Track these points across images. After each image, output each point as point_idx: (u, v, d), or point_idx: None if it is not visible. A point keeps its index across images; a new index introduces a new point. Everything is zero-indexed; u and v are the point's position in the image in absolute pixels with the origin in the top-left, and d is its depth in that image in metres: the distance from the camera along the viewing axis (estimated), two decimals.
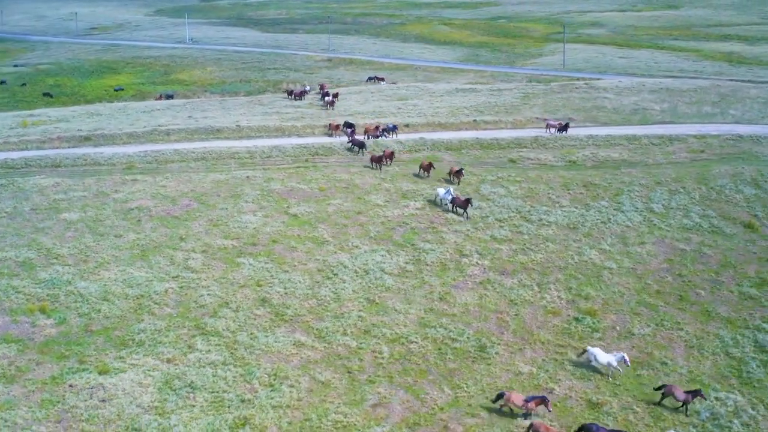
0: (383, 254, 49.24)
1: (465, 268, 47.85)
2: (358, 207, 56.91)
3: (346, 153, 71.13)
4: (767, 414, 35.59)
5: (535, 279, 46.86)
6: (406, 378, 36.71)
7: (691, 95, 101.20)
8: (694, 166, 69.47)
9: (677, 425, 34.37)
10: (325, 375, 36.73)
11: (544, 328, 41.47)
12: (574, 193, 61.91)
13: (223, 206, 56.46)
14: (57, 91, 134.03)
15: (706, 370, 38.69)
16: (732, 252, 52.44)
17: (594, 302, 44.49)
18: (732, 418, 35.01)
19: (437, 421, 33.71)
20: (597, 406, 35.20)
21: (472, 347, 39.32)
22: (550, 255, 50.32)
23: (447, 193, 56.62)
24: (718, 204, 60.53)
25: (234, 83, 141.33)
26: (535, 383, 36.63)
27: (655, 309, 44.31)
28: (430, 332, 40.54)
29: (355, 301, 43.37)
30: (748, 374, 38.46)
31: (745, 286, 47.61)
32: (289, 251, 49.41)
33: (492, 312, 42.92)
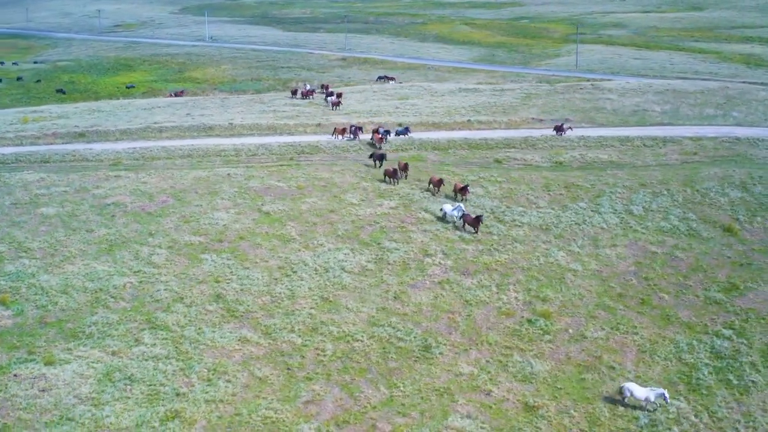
0: (347, 253, 49.27)
1: (426, 268, 47.66)
2: (332, 205, 57.01)
3: (332, 151, 71.36)
4: (710, 422, 34.86)
5: (495, 280, 46.49)
6: (345, 376, 36.70)
7: (697, 97, 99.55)
8: (684, 168, 68.34)
9: (614, 431, 33.89)
10: (264, 371, 36.90)
11: (494, 330, 41.13)
12: (554, 194, 61.29)
13: (198, 203, 56.98)
14: (70, 87, 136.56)
15: (654, 375, 38.02)
16: (705, 256, 51.47)
17: (551, 304, 43.99)
18: (672, 425, 34.37)
19: (367, 420, 33.65)
20: (533, 410, 34.81)
21: (417, 347, 39.17)
22: (515, 256, 49.88)
23: (456, 209, 52.57)
24: (700, 207, 59.43)
25: (245, 81, 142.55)
26: (473, 384, 36.37)
27: (614, 312, 43.68)
28: (377, 331, 40.47)
29: (309, 299, 43.47)
30: (698, 381, 37.71)
31: (712, 291, 46.69)
32: (254, 248, 49.70)
33: (444, 312, 42.69)
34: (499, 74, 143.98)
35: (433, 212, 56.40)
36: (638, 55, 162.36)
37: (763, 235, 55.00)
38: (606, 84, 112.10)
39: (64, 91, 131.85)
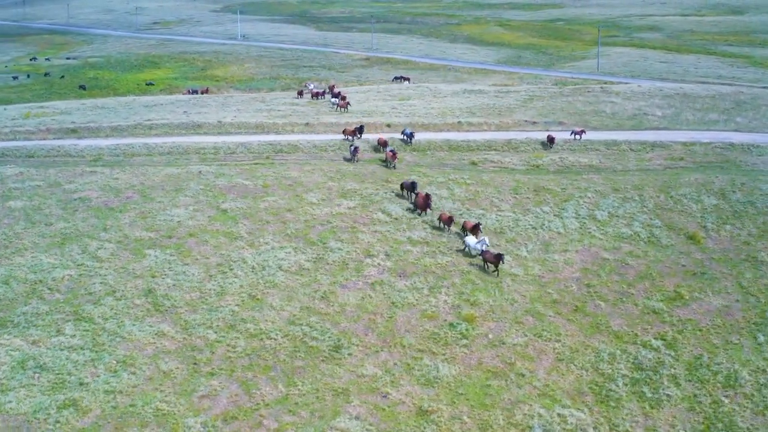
0: (288, 251, 49.65)
1: (364, 269, 47.71)
2: (290, 204, 57.49)
3: (310, 150, 71.84)
4: None
5: (429, 282, 46.25)
6: (247, 373, 37.09)
7: (705, 101, 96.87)
8: (665, 173, 66.80)
9: None
10: (170, 365, 37.54)
11: (412, 332, 40.96)
12: (521, 197, 60.62)
13: (161, 200, 58.10)
14: (93, 83, 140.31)
15: (564, 384, 37.36)
16: (658, 264, 50.28)
17: (479, 309, 43.57)
18: None
19: (255, 417, 33.97)
20: (426, 414, 34.61)
21: (327, 347, 39.29)
22: (458, 258, 49.53)
23: (480, 243, 49.11)
24: (669, 213, 58.05)
25: (263, 80, 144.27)
26: (373, 386, 36.33)
27: (542, 319, 43.03)
28: (293, 330, 40.75)
29: (236, 296, 43.98)
30: (609, 392, 36.91)
31: (653, 300, 45.59)
32: (199, 245, 50.49)
33: (367, 313, 42.70)
34: (517, 76, 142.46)
35: (388, 212, 56.41)
36: (665, 58, 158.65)
37: (728, 244, 53.47)
38: (616, 87, 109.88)
39: (86, 87, 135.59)
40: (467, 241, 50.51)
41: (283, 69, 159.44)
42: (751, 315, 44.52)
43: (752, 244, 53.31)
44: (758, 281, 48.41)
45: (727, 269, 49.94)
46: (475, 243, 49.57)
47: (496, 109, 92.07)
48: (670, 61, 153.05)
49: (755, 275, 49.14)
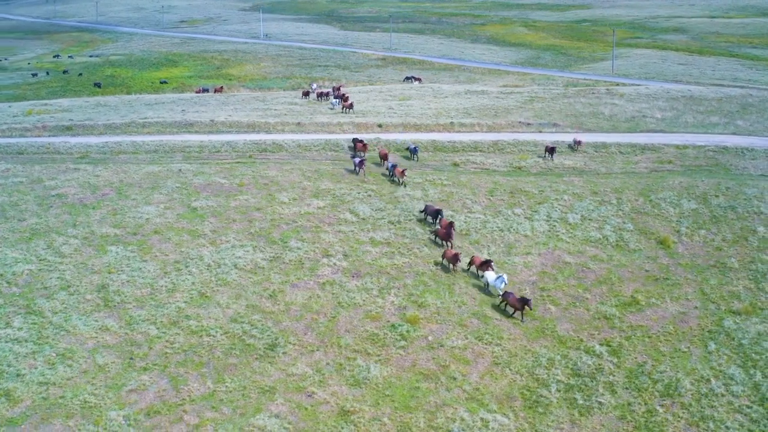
0: (248, 250, 50.16)
1: (318, 268, 47.97)
2: (261, 203, 58.02)
3: (294, 150, 72.42)
4: None
5: (381, 283, 46.30)
6: (180, 369, 37.60)
7: (711, 104, 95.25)
8: (650, 177, 65.88)
9: None
10: (107, 359, 38.25)
11: (351, 333, 41.07)
12: (495, 199, 60.31)
13: (135, 197, 59.11)
14: (109, 81, 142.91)
15: (495, 389, 37.07)
16: (621, 268, 49.62)
17: (426, 310, 43.49)
18: None
19: (178, 412, 34.43)
20: (347, 414, 34.72)
21: (263, 345, 39.62)
22: (416, 260, 49.50)
23: (499, 280, 44.28)
24: (644, 217, 57.23)
25: (275, 79, 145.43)
26: (300, 385, 36.53)
27: (487, 322, 42.79)
28: (234, 327, 41.17)
29: (186, 293, 44.58)
30: (540, 398, 36.52)
31: (607, 305, 45.00)
32: (162, 242, 51.27)
33: (311, 312, 42.92)
34: (529, 77, 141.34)
35: (356, 212, 56.60)
36: (684, 60, 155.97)
37: (699, 249, 52.53)
38: (622, 89, 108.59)
39: (100, 84, 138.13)
40: (487, 278, 45.32)
41: (297, 68, 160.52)
42: (707, 323, 43.65)
43: (724, 250, 52.31)
44: (722, 288, 47.46)
45: (692, 275, 49.07)
46: (495, 279, 44.49)
47: (493, 110, 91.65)
48: (688, 63, 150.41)
49: (720, 282, 48.19)
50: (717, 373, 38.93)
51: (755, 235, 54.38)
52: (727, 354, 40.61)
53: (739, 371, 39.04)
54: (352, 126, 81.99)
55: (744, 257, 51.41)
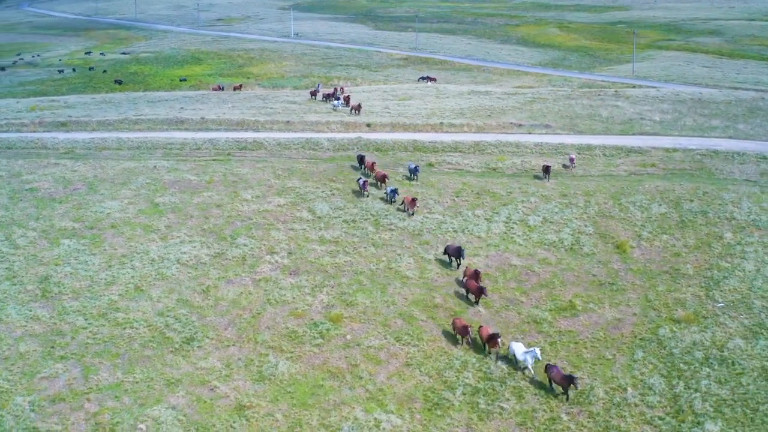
0: (195, 245, 51.12)
1: (258, 265, 48.63)
2: (223, 200, 58.98)
3: (273, 148, 73.30)
4: None
5: (316, 281, 46.70)
6: (96, 359, 38.65)
7: (717, 107, 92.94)
8: (627, 180, 64.76)
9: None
10: (29, 347, 39.59)
11: (271, 329, 41.57)
12: (460, 200, 60.08)
13: (104, 192, 60.74)
14: (130, 78, 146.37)
15: (400, 390, 36.97)
16: (568, 272, 48.97)
17: (353, 309, 43.71)
18: None
19: (81, 400, 35.47)
20: (242, 409, 35.22)
21: (181, 339, 40.44)
22: (359, 259, 49.72)
23: (530, 354, 38.15)
24: (608, 221, 56.34)
25: (291, 78, 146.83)
26: (205, 379, 37.19)
27: (412, 322, 42.75)
28: (158, 321, 42.10)
29: (123, 286, 45.73)
30: (442, 400, 36.31)
31: (541, 309, 44.50)
32: (115, 236, 52.62)
33: (238, 308, 43.58)
34: (547, 78, 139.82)
35: (314, 211, 57.10)
36: (711, 63, 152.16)
37: (656, 254, 51.52)
38: (631, 91, 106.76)
39: (121, 81, 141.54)
40: (513, 348, 38.78)
41: (317, 67, 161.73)
42: (642, 330, 42.86)
43: (683, 256, 51.19)
44: (668, 295, 46.49)
45: (640, 281, 48.16)
46: (524, 353, 38.28)
47: (489, 111, 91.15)
48: (713, 66, 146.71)
49: (668, 288, 47.20)
50: (636, 382, 38.22)
51: (720, 241, 53.06)
52: (654, 363, 39.81)
53: (660, 381, 38.24)
54: (340, 125, 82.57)
55: (702, 264, 50.22)
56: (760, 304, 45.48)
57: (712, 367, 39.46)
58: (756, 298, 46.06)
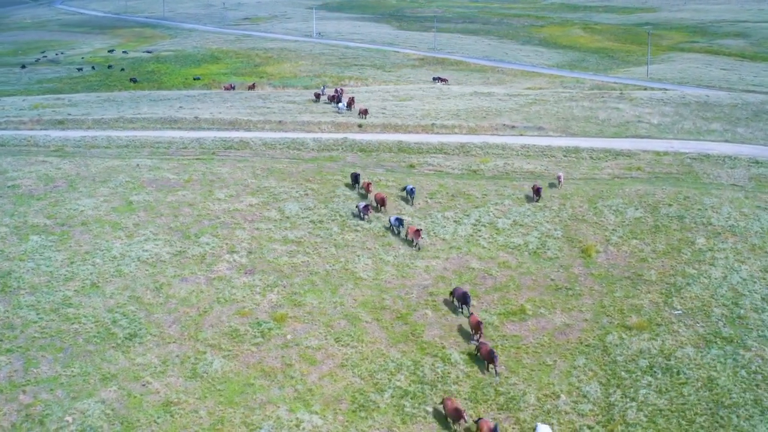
0: (158, 243, 51.98)
1: (216, 264, 49.30)
2: (196, 199, 59.80)
3: (258, 148, 74.10)
4: None
5: (269, 281, 47.18)
6: (39, 353, 39.69)
7: (722, 110, 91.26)
8: (609, 183, 64.07)
9: None
10: None
11: (214, 327, 42.17)
12: (433, 202, 60.05)
13: (83, 189, 62.04)
14: (146, 77, 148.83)
15: (329, 390, 37.26)
16: (526, 276, 48.71)
17: (300, 309, 44.10)
18: None
19: (17, 392, 36.61)
20: (169, 405, 35.86)
21: (125, 335, 41.27)
22: (317, 259, 50.09)
23: None
24: (579, 225, 55.86)
25: (303, 78, 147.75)
26: (139, 375, 37.96)
27: (356, 324, 42.98)
28: (106, 316, 43.00)
29: (80, 282, 46.77)
30: (369, 402, 36.55)
31: (490, 313, 44.29)
32: (83, 233, 53.77)
33: (187, 306, 44.27)
34: (559, 80, 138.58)
35: (283, 210, 57.58)
36: (730, 65, 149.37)
37: (621, 260, 50.98)
38: (636, 93, 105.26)
39: (136, 80, 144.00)
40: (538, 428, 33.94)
41: (332, 67, 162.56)
42: (589, 336, 42.51)
43: (649, 262, 50.57)
44: (626, 301, 46.01)
45: (599, 286, 47.73)
46: None
47: (485, 112, 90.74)
48: (732, 69, 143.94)
49: (626, 294, 46.71)
50: (572, 389, 37.98)
51: (691, 247, 52.30)
52: (594, 370, 39.50)
53: (597, 389, 37.97)
54: (331, 125, 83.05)
55: (667, 270, 49.56)
56: (720, 312, 44.76)
57: (654, 375, 39.00)
58: (717, 306, 45.34)
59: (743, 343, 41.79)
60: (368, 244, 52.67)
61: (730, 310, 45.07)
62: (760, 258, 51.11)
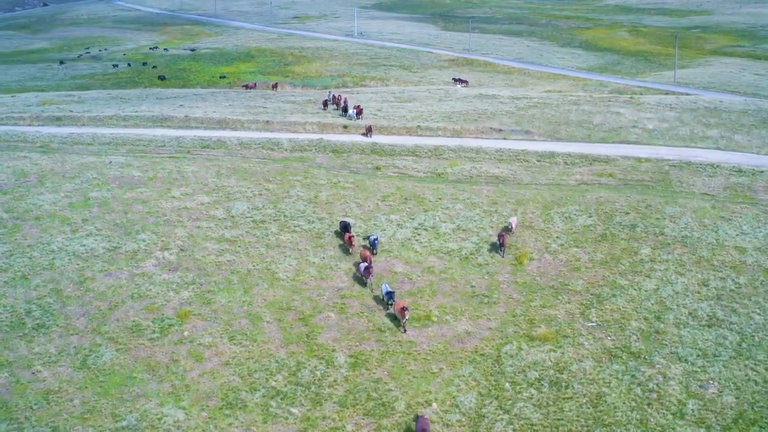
0: (97, 239, 54.06)
1: (145, 260, 50.91)
2: (152, 197, 61.68)
3: (233, 147, 75.75)
4: None
5: (187, 279, 48.45)
6: None
7: (729, 116, 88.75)
8: (573, 189, 63.32)
9: None
10: None
11: (119, 322, 43.75)
12: (383, 204, 60.40)
13: (49, 185, 64.82)
14: (175, 75, 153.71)
15: (204, 387, 38.30)
16: (446, 282, 48.68)
17: (207, 307, 45.26)
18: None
19: None
20: (50, 393, 37.52)
21: (34, 325, 43.26)
22: (242, 259, 51.12)
23: None
24: (523, 231, 55.38)
25: (325, 78, 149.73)
26: (26, 363, 39.83)
27: (257, 323, 43.86)
28: (23, 307, 45.16)
29: (11, 274, 49.15)
30: (237, 400, 37.43)
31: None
32: (33, 227, 56.34)
33: (101, 300, 46.03)
34: (583, 82, 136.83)
35: (230, 210, 58.79)
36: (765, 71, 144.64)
37: (552, 268, 50.51)
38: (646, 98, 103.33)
39: (165, 77, 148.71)
40: None
41: (360, 67, 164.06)
42: (487, 345, 42.32)
43: (581, 271, 49.90)
44: (540, 311, 45.57)
45: (519, 295, 47.36)
46: None
47: (478, 115, 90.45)
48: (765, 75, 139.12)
49: (544, 304, 46.26)
50: (448, 398, 37.96)
51: (632, 257, 51.41)
52: (477, 380, 39.35)
53: (473, 399, 37.90)
54: (316, 126, 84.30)
55: (598, 280, 48.81)
56: (637, 326, 43.87)
57: (540, 389, 38.54)
58: (636, 320, 44.48)
59: (649, 360, 40.85)
60: (301, 245, 53.42)
61: (650, 324, 44.08)
62: (702, 271, 49.71)
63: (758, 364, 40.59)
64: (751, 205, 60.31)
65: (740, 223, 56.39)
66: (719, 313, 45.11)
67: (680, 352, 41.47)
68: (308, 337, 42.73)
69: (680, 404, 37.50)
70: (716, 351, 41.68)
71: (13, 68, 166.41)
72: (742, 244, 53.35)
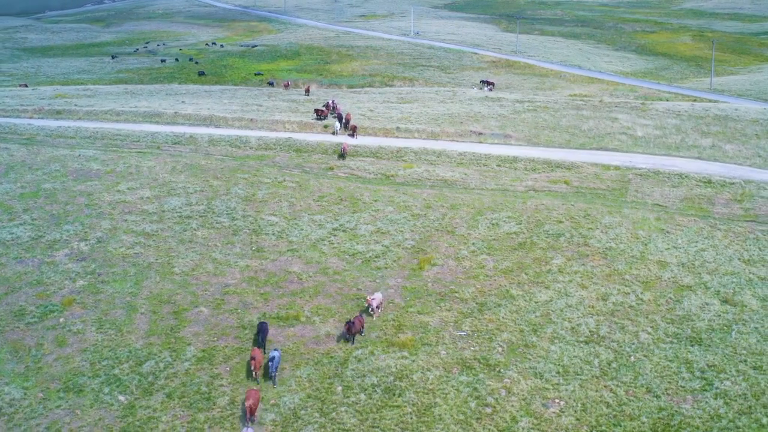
0: (28, 228, 57.94)
1: (60, 249, 54.37)
2: (98, 190, 65.36)
3: (201, 144, 78.48)
4: None
5: (89, 269, 51.24)
6: None
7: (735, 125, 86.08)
8: (517, 196, 63.21)
9: None
10: None
11: (9, 306, 47.11)
12: (316, 204, 61.83)
13: (13, 175, 69.38)
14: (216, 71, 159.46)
15: (51, 371, 40.94)
16: (336, 284, 49.82)
17: (93, 297, 48.05)
18: None
19: None
20: None
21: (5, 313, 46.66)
22: (149, 252, 53.58)
23: None
24: (441, 237, 55.74)
25: (357, 77, 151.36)
26: None
27: (132, 313, 46.15)
28: None
29: None
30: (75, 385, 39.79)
31: (267, 316, 45.61)
32: None
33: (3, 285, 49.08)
34: (614, 87, 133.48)
35: (163, 205, 61.10)
36: None
37: (452, 275, 50.97)
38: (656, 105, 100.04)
39: (204, 73, 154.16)
40: None
41: (398, 67, 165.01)
42: (341, 348, 43.27)
43: (478, 279, 50.19)
44: (415, 317, 46.11)
45: (401, 300, 48.02)
46: None
47: (464, 117, 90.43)
48: None
49: (421, 310, 46.73)
50: (273, 396, 38.85)
51: (541, 267, 51.48)
52: (312, 382, 40.34)
53: (297, 400, 38.73)
54: (296, 125, 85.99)
55: (490, 289, 49.01)
56: (507, 338, 43.56)
57: (371, 395, 39.00)
58: (510, 332, 44.26)
59: (501, 373, 40.49)
60: (213, 241, 55.28)
61: (522, 337, 43.62)
62: (609, 285, 48.75)
63: (619, 386, 39.57)
64: (701, 218, 58.18)
65: (677, 237, 54.64)
66: (603, 329, 44.09)
67: (539, 367, 40.85)
68: (172, 330, 44.48)
69: (512, 421, 37.07)
70: (579, 369, 40.85)
71: (66, 61, 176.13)
72: (667, 258, 51.75)
